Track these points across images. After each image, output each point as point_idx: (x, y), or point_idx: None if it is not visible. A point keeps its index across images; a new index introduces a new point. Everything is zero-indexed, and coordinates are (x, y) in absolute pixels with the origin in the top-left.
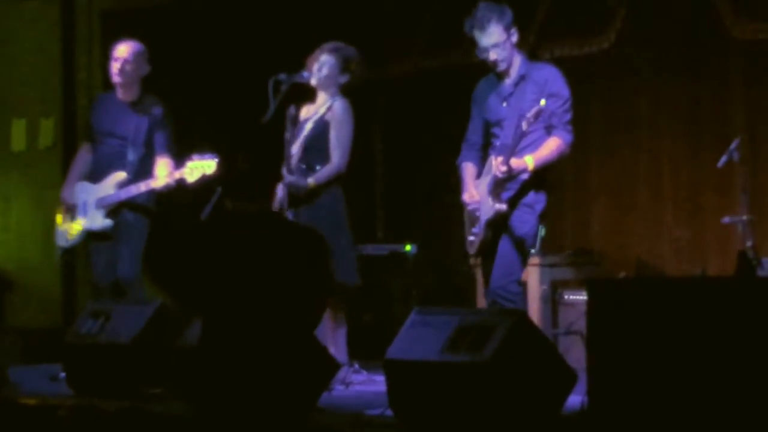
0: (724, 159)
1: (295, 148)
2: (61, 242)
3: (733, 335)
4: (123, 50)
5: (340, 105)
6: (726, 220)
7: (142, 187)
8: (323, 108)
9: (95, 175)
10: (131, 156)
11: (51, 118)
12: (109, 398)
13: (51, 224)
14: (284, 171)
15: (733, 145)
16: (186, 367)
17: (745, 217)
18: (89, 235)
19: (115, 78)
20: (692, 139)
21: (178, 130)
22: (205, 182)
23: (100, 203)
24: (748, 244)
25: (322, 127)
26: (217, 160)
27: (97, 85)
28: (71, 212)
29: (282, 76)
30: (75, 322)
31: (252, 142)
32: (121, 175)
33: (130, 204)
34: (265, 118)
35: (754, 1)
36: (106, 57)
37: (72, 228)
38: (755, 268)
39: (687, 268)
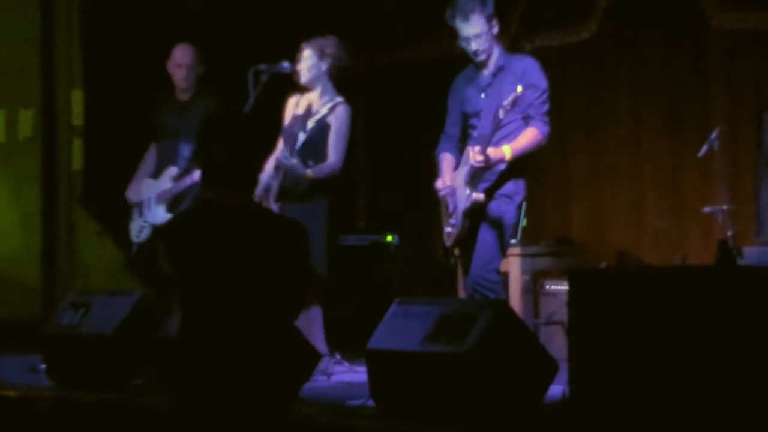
0: (704, 148)
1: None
2: (134, 237)
3: (713, 325)
4: (186, 56)
5: (342, 110)
6: (707, 209)
7: (195, 176)
8: (324, 108)
9: (158, 171)
10: (184, 151)
11: (30, 109)
12: (90, 389)
13: (30, 215)
14: (283, 154)
15: (713, 135)
16: (166, 358)
17: (725, 207)
18: (156, 229)
19: (182, 84)
20: (673, 129)
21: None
22: None
23: (160, 198)
24: (729, 233)
25: (322, 128)
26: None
27: (77, 76)
28: (140, 209)
29: (262, 67)
30: (55, 313)
31: (230, 132)
32: (173, 170)
33: (188, 195)
34: (245, 108)
35: None
36: (85, 47)
37: (141, 224)
38: (736, 258)
39: (668, 258)
